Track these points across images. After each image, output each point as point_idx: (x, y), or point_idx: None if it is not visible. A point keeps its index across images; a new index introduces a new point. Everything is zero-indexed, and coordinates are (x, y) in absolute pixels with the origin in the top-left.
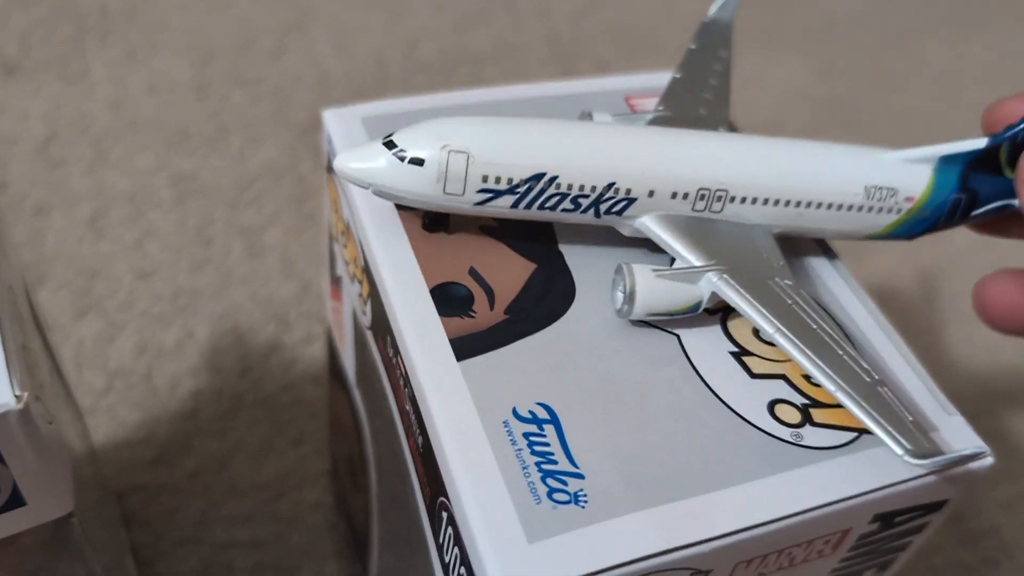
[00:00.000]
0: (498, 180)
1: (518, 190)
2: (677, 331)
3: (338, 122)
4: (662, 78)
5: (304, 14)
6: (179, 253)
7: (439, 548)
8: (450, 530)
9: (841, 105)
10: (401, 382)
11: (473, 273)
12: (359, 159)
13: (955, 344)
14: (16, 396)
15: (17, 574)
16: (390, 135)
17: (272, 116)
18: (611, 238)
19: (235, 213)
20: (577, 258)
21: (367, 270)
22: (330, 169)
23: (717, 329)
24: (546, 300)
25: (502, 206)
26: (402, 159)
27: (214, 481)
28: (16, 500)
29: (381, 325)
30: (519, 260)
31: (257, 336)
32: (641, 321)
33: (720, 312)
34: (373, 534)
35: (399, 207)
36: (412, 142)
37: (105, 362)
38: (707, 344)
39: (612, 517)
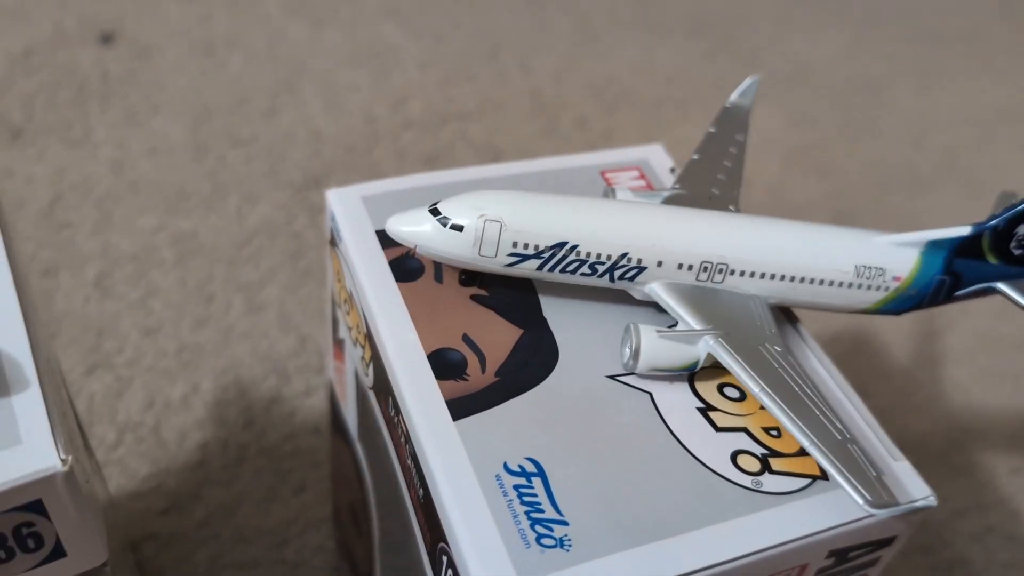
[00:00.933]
0: (526, 246)
1: (543, 255)
2: (650, 388)
3: (340, 201)
4: (634, 152)
5: (295, 73)
6: (182, 310)
7: None
8: (450, 572)
9: (811, 152)
10: (403, 439)
11: (466, 339)
12: (408, 223)
13: (926, 384)
14: (62, 460)
15: None
16: (435, 204)
17: (267, 174)
18: (590, 304)
19: (234, 270)
20: (559, 323)
21: (369, 337)
22: (333, 243)
23: (685, 387)
24: (532, 362)
25: (528, 268)
26: (444, 225)
27: (222, 528)
28: (58, 552)
29: (383, 387)
30: (507, 326)
31: (258, 389)
32: (617, 380)
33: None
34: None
35: (397, 277)
36: (454, 211)
37: (115, 416)
38: (676, 400)
39: (593, 558)
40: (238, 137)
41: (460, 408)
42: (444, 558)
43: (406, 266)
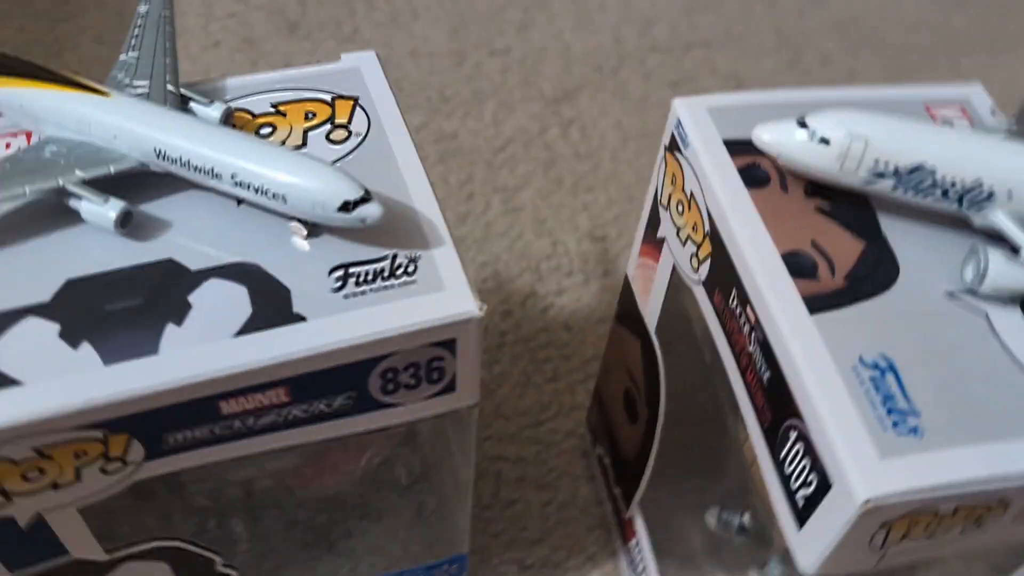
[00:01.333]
0: (887, 165)
1: (900, 176)
2: (985, 308)
3: (688, 110)
4: (954, 90)
5: None
6: (444, 204)
7: (779, 462)
8: (798, 446)
9: None
10: (745, 328)
11: (814, 245)
12: (775, 133)
13: None
14: (478, 306)
15: (374, 456)
16: (803, 117)
17: (520, 85)
18: (926, 225)
19: (491, 173)
20: (897, 240)
21: (713, 235)
22: (672, 148)
23: (1017, 310)
24: (876, 273)
25: (884, 187)
26: (812, 137)
27: (485, 404)
28: (450, 387)
29: (721, 281)
30: (850, 238)
31: (514, 283)
32: (955, 297)
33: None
34: (650, 457)
35: (745, 184)
36: (823, 125)
37: None
38: (1011, 321)
39: (946, 448)
40: (493, 47)
41: (815, 304)
42: (793, 434)
43: (753, 174)
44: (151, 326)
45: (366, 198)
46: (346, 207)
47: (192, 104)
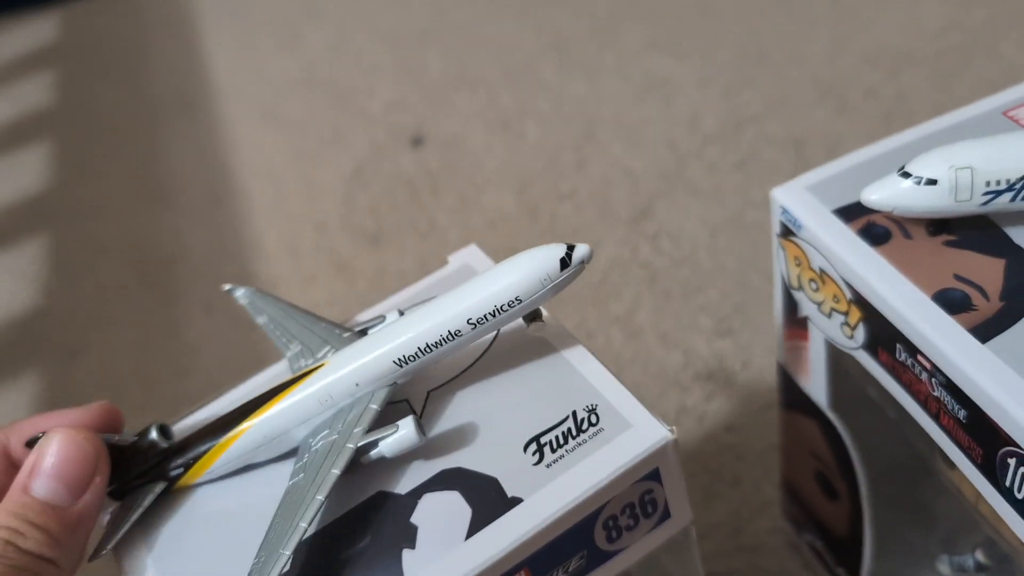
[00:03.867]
0: (998, 183)
1: (1015, 187)
2: None
3: (789, 195)
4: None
5: (588, 124)
6: None
7: (1007, 491)
8: (1022, 470)
9: None
10: (923, 376)
11: (959, 278)
12: (882, 190)
13: None
14: (670, 430)
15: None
16: (903, 168)
17: (598, 218)
18: None
19: (600, 307)
20: None
21: (858, 301)
22: (786, 234)
23: None
24: None
25: (1001, 202)
26: (919, 183)
27: None
28: (666, 514)
29: (882, 340)
30: (988, 259)
31: (663, 403)
32: None
33: None
34: (864, 528)
35: (869, 244)
36: (924, 169)
37: None
38: None
39: None
40: (560, 192)
41: (982, 332)
42: (1012, 461)
43: (873, 232)
44: (389, 558)
45: (571, 245)
46: (565, 263)
47: (372, 330)
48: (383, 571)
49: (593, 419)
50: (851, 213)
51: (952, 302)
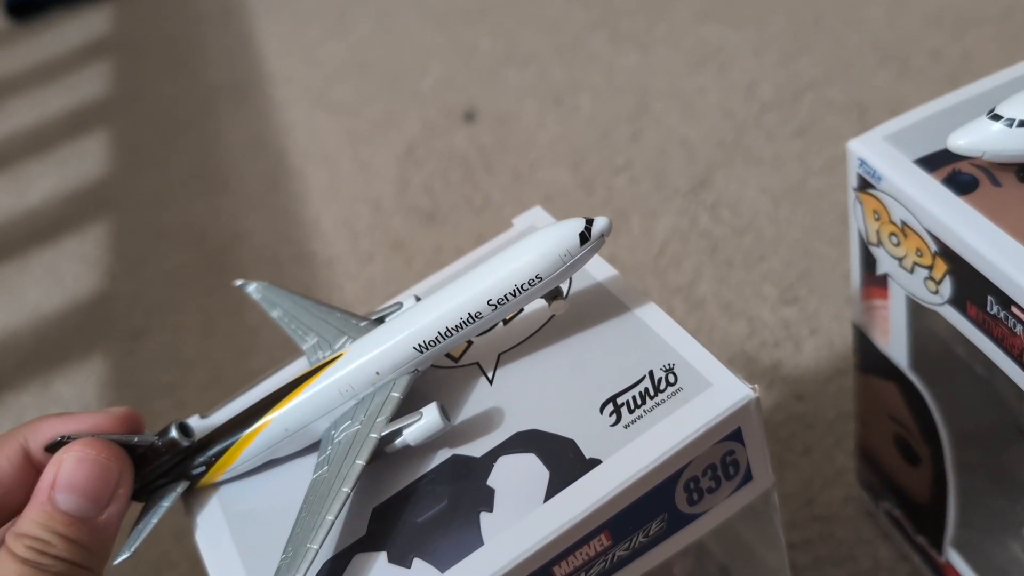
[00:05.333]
0: None
1: None
2: None
3: (867, 146)
4: None
5: (642, 96)
6: None
7: None
8: None
9: None
10: (1018, 328)
11: None
12: (970, 134)
13: None
14: (752, 388)
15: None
16: (993, 111)
17: (654, 189)
18: None
19: (661, 278)
20: None
21: (944, 253)
22: (864, 188)
23: None
24: None
25: None
26: (1011, 125)
27: None
28: (747, 476)
29: (971, 293)
30: None
31: None
32: None
33: None
34: (948, 494)
35: (956, 193)
36: (1017, 109)
37: None
38: None
39: None
40: (615, 165)
41: None
42: None
43: (959, 181)
44: (467, 521)
45: (590, 219)
46: (585, 238)
47: (389, 318)
48: (461, 535)
49: (671, 379)
50: (934, 162)
51: None
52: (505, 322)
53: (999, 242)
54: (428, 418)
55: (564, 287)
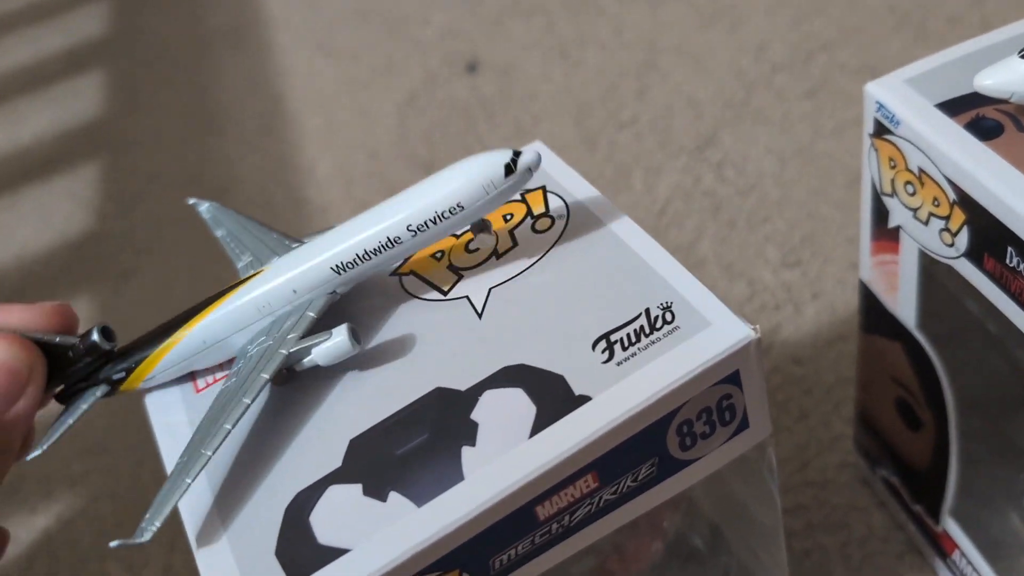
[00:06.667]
0: None
1: None
2: None
3: (886, 89)
4: None
5: (649, 51)
6: None
7: None
8: None
9: None
10: None
11: None
12: (997, 74)
13: None
14: (753, 329)
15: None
16: (1023, 49)
17: (659, 146)
18: None
19: (662, 236)
20: None
21: (963, 201)
22: (880, 133)
23: None
24: None
25: None
26: None
27: None
28: (743, 424)
29: (990, 245)
30: None
31: None
32: None
33: None
34: (950, 461)
35: (979, 138)
36: None
37: None
38: None
39: None
40: (620, 121)
41: None
42: None
43: (982, 126)
44: (448, 455)
45: (518, 150)
46: (510, 169)
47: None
48: (442, 468)
49: (668, 316)
50: (957, 106)
51: None
52: (498, 256)
53: (1022, 190)
54: (337, 339)
55: (495, 221)
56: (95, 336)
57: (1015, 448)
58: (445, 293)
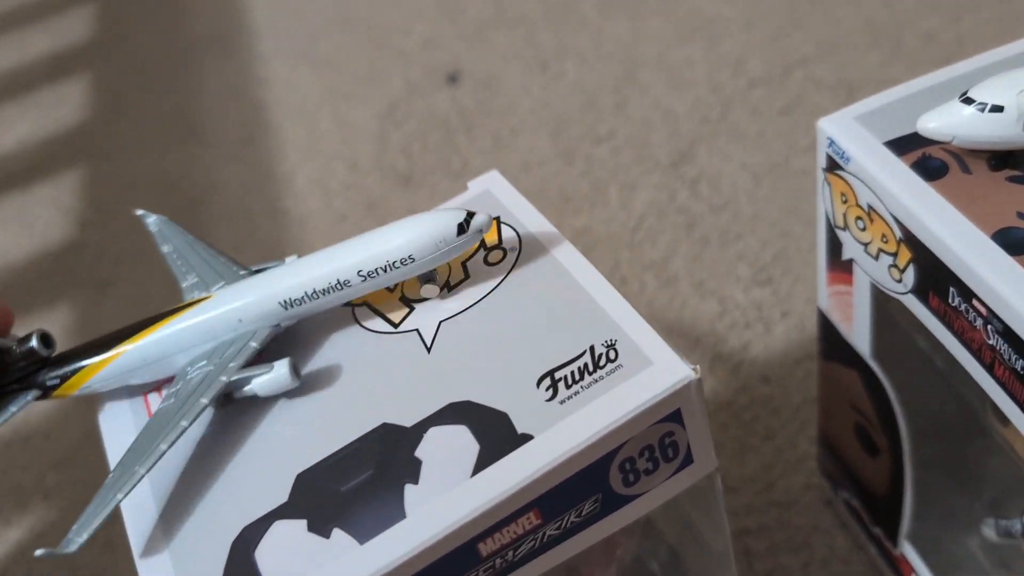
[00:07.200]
0: None
1: None
2: None
3: (837, 125)
4: None
5: (629, 65)
6: None
7: None
8: None
9: None
10: (978, 322)
11: (1021, 216)
12: (940, 118)
13: None
14: (693, 369)
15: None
16: (965, 94)
17: (635, 161)
18: None
19: (635, 252)
20: None
21: (908, 240)
22: (832, 168)
23: None
24: None
25: None
26: (982, 109)
27: None
28: (687, 459)
29: (933, 283)
30: None
31: (696, 352)
32: None
33: None
34: (905, 487)
35: (924, 178)
36: (989, 95)
37: None
38: None
39: None
40: (597, 135)
41: None
42: None
43: (928, 167)
44: (391, 493)
45: (472, 212)
46: (463, 229)
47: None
48: (384, 506)
49: (612, 355)
50: (904, 145)
51: (1014, 242)
52: (449, 288)
53: (964, 232)
54: (277, 372)
55: (442, 274)
56: (34, 342)
57: (970, 475)
58: (396, 326)
